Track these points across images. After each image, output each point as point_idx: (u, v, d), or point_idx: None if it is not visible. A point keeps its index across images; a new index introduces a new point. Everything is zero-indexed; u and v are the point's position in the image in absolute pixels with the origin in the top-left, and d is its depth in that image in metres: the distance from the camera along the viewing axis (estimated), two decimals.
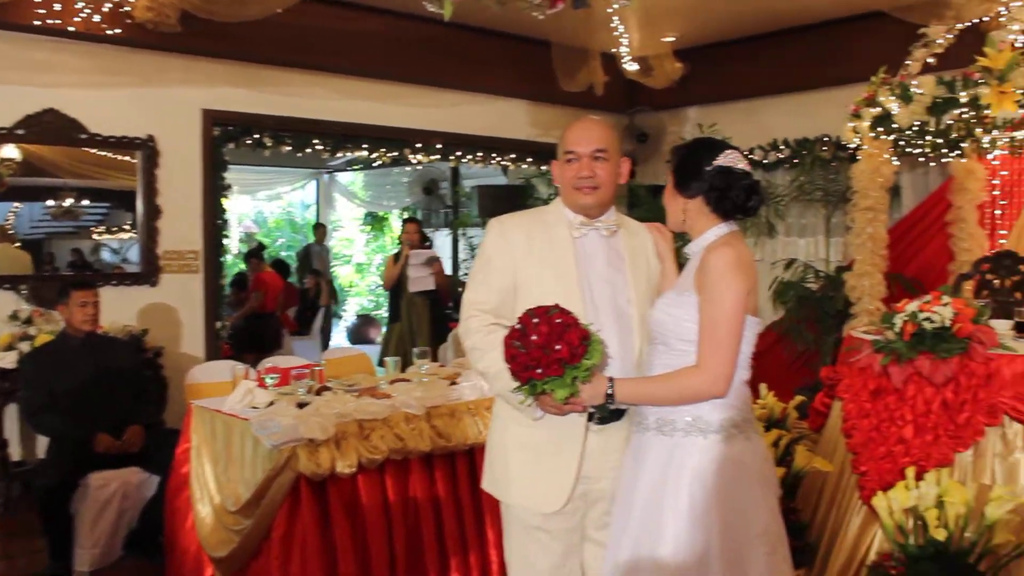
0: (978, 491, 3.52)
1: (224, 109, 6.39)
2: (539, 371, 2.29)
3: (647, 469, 2.46)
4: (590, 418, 2.58)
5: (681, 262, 2.69)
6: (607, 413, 2.57)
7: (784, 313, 7.40)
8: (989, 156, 6.29)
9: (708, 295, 2.36)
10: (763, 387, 4.84)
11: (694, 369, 2.38)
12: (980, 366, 3.79)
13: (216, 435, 4.15)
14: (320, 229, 12.83)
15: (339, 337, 13.22)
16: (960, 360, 3.80)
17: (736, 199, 2.46)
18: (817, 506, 4.30)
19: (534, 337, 2.28)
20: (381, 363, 5.78)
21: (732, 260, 2.37)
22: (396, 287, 8.36)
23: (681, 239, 2.69)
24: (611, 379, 2.43)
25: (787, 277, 7.48)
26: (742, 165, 2.49)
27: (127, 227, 6.21)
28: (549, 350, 2.27)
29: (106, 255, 6.26)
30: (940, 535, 3.34)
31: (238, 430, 3.98)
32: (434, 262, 8.23)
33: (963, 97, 4.85)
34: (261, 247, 11.85)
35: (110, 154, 6.07)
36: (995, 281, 5.80)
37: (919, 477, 3.55)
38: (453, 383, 4.42)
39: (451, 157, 8.08)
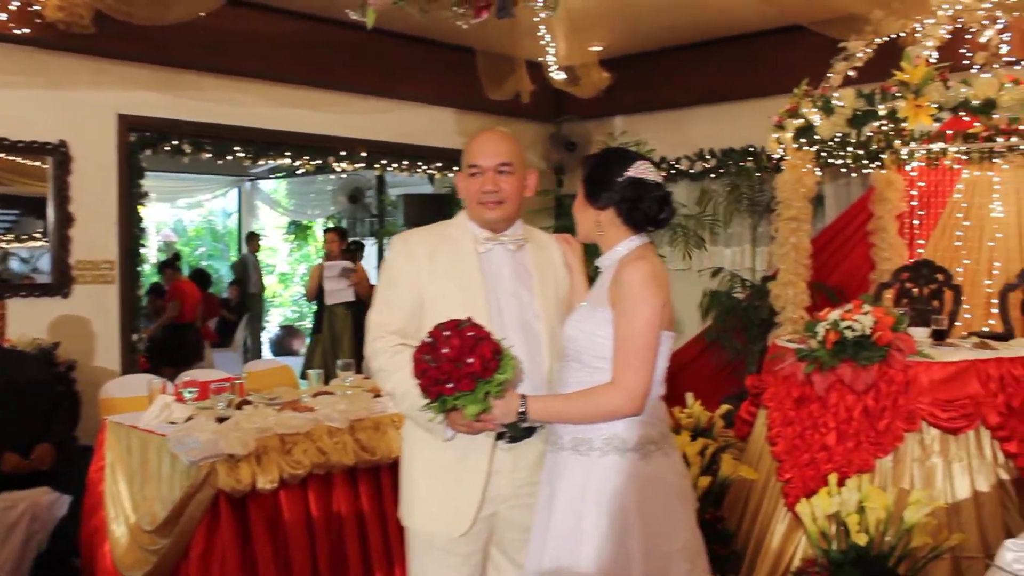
0: (897, 496, 3.58)
1: (141, 114, 6.20)
2: (450, 386, 2.21)
3: (563, 489, 2.39)
4: (500, 436, 2.50)
5: (592, 275, 2.65)
6: (519, 431, 2.48)
7: (711, 322, 7.48)
8: (908, 167, 6.44)
9: (623, 310, 2.32)
10: (690, 396, 4.87)
11: (609, 386, 2.32)
12: (899, 373, 3.87)
13: (132, 452, 4.02)
14: (253, 239, 12.57)
15: (262, 349, 12.99)
16: (880, 367, 3.88)
17: (648, 211, 2.43)
18: (743, 514, 4.34)
19: (445, 350, 2.21)
20: (304, 376, 5.68)
21: (647, 274, 2.33)
22: (319, 298, 8.26)
23: (593, 251, 2.65)
24: (524, 396, 2.36)
25: (714, 286, 7.57)
26: (653, 176, 2.45)
27: (38, 235, 5.97)
28: (461, 364, 2.20)
29: (15, 264, 6.01)
30: (861, 540, 3.39)
31: (155, 446, 3.87)
32: (350, 273, 8.14)
33: (882, 110, 4.95)
34: (177, 256, 11.59)
35: (19, 159, 5.85)
36: (914, 289, 5.95)
37: (841, 483, 3.61)
38: (377, 396, 4.35)
39: (376, 165, 7.98)
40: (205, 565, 3.56)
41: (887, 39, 5.56)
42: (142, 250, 6.36)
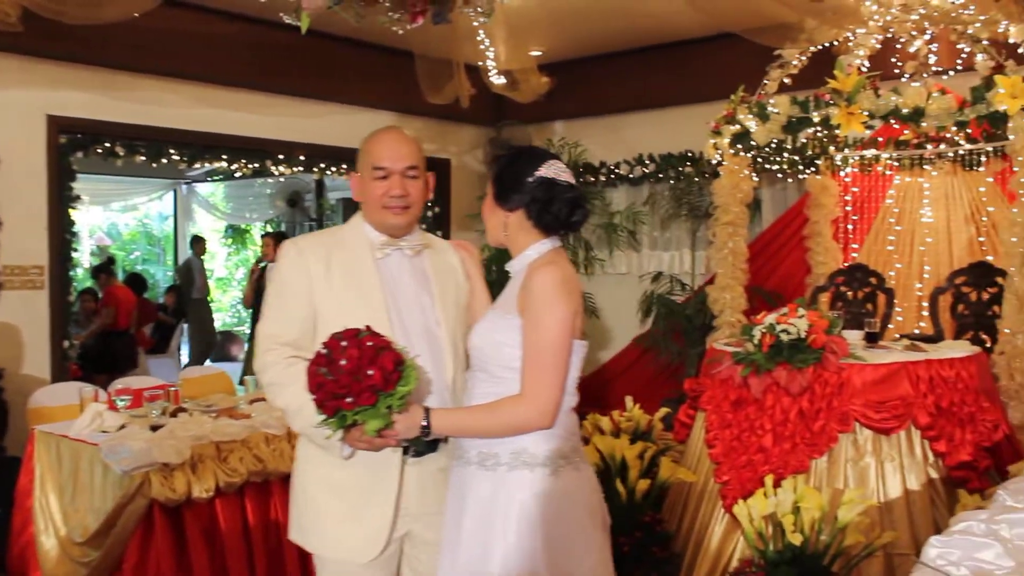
0: (832, 495, 3.64)
1: (71, 115, 6.06)
2: (349, 400, 2.05)
3: (470, 505, 2.28)
4: (405, 452, 2.38)
5: (499, 281, 2.56)
6: (422, 446, 2.35)
7: (651, 326, 7.55)
8: (842, 173, 6.58)
9: (532, 318, 2.20)
10: (629, 399, 4.90)
11: (518, 399, 2.20)
12: (833, 375, 3.94)
13: (62, 462, 3.93)
14: (199, 242, 12.32)
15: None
16: (815, 370, 3.94)
17: (559, 213, 2.29)
18: (682, 516, 4.38)
19: (343, 362, 2.05)
20: (242, 382, 5.60)
21: (556, 280, 2.21)
22: (256, 304, 8.15)
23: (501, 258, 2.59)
24: (427, 409, 2.22)
25: (654, 290, 7.64)
26: (565, 176, 2.32)
27: None
28: (360, 376, 2.04)
29: None
30: (796, 539, 3.43)
31: (86, 456, 3.79)
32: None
33: (816, 117, 5.06)
34: (111, 261, 11.33)
35: None
36: (848, 293, 6.07)
37: (777, 484, 3.65)
38: None
39: (315, 169, 7.90)
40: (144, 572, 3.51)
41: (821, 47, 5.67)
42: (74, 255, 6.20)
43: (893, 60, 5.73)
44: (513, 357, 2.23)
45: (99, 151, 6.29)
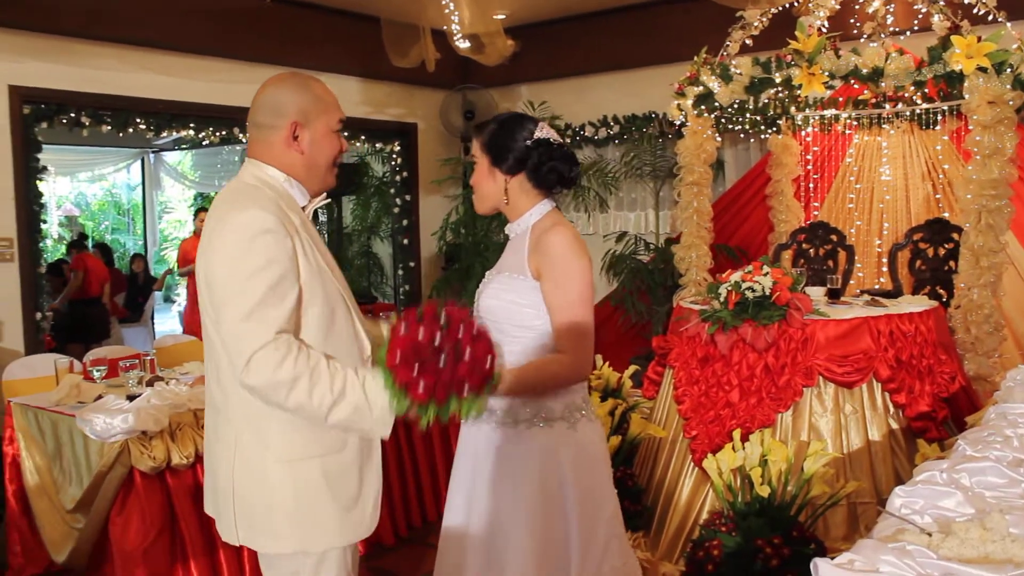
0: (797, 448, 3.77)
1: (34, 86, 5.98)
2: (466, 388, 1.86)
3: (492, 463, 2.34)
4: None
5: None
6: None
7: (617, 285, 7.65)
8: (802, 133, 6.68)
9: (555, 280, 2.28)
10: (598, 358, 4.99)
11: (562, 356, 2.27)
12: (797, 331, 4.06)
13: (44, 433, 3.97)
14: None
15: (172, 323, 12.75)
16: (779, 326, 4.06)
17: (562, 171, 2.39)
18: (652, 471, 4.49)
19: (468, 349, 1.85)
20: None
21: (570, 239, 2.31)
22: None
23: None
24: None
25: (619, 250, 7.73)
26: (556, 136, 2.42)
27: None
28: (480, 367, 1.87)
29: None
30: (764, 492, 3.56)
31: (65, 427, 3.84)
32: None
33: (777, 78, 5.14)
34: (83, 236, 11.22)
35: None
36: (810, 250, 6.19)
37: (744, 438, 3.77)
38: None
39: None
40: (128, 538, 3.58)
41: (781, 8, 5.74)
42: (43, 226, 6.15)
43: (852, 21, 5.81)
44: (528, 316, 2.31)
45: (64, 121, 6.22)
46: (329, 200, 2.42)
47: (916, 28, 5.61)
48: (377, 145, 8.87)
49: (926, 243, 5.88)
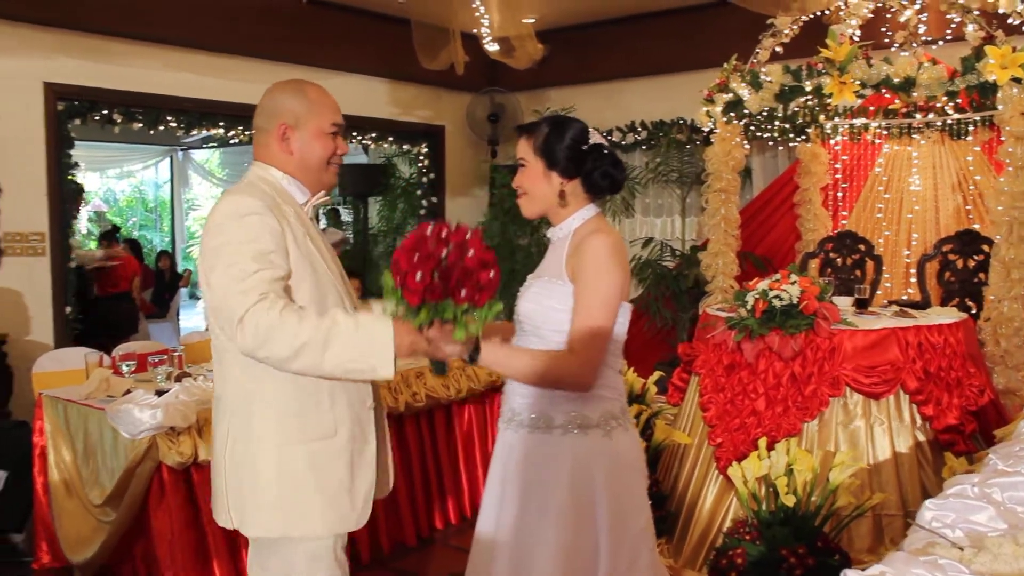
0: (823, 458, 3.74)
1: (68, 83, 6.06)
2: (463, 293, 1.89)
3: (524, 468, 2.34)
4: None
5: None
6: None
7: (642, 291, 7.64)
8: (831, 141, 6.65)
9: (584, 283, 2.26)
10: (623, 363, 4.97)
11: (565, 353, 2.24)
12: (824, 341, 4.03)
13: (72, 426, 4.01)
14: None
15: (197, 319, 12.83)
16: (807, 335, 4.03)
17: (615, 177, 2.38)
18: (676, 477, 4.48)
19: (470, 252, 1.88)
20: None
21: (610, 248, 2.27)
22: None
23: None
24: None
25: (645, 256, 7.72)
26: (604, 142, 2.43)
27: None
28: (481, 273, 1.90)
29: None
30: (789, 501, 3.54)
31: (94, 420, 3.86)
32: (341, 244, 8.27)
33: (808, 86, 5.12)
34: (115, 229, 11.33)
35: None
36: (838, 260, 6.16)
37: (770, 447, 3.75)
38: None
39: None
40: (155, 537, 3.61)
41: (812, 16, 5.71)
42: (73, 221, 6.23)
43: (883, 30, 5.78)
44: (564, 321, 2.28)
45: (96, 118, 6.30)
46: (327, 195, 2.49)
47: (949, 37, 5.57)
48: (404, 146, 8.91)
49: (955, 254, 5.83)
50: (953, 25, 5.42)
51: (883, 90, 5.13)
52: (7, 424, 4.64)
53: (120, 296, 8.69)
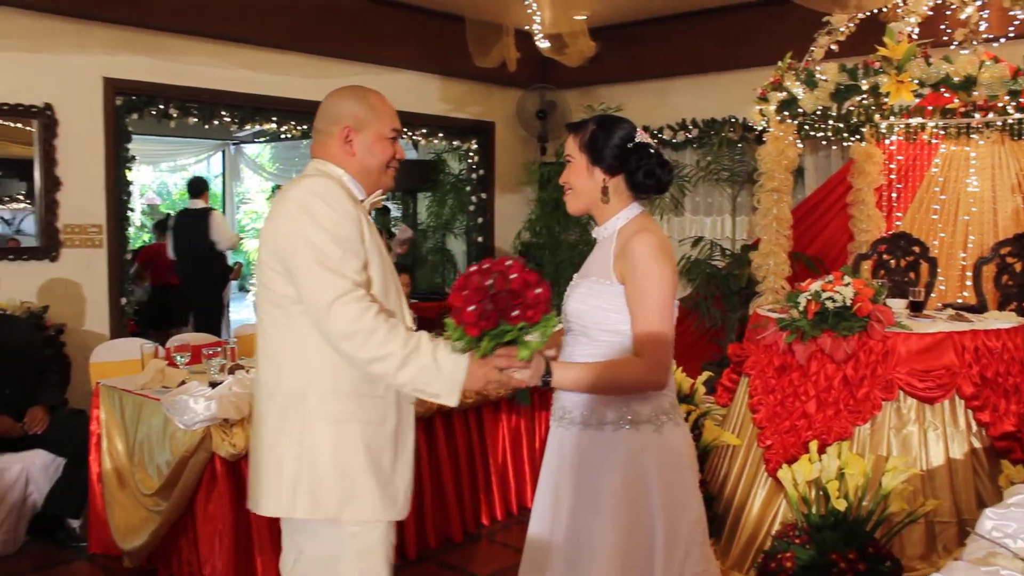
0: (875, 462, 3.70)
1: (127, 78, 6.17)
2: (515, 314, 1.99)
3: (575, 464, 2.36)
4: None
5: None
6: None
7: (691, 290, 7.60)
8: (886, 141, 6.54)
9: (637, 285, 2.27)
10: (672, 362, 4.94)
11: (635, 360, 2.25)
12: (878, 343, 3.97)
13: (126, 415, 4.09)
14: None
15: (247, 312, 12.99)
16: (860, 338, 3.98)
17: (660, 176, 2.39)
18: (724, 479, 4.45)
19: (513, 275, 2.00)
20: None
21: (656, 246, 2.28)
22: None
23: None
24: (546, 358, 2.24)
25: (694, 255, 7.67)
26: (651, 142, 2.44)
27: (20, 196, 5.95)
28: (529, 291, 2.00)
29: None
30: (840, 505, 3.49)
31: (149, 410, 3.94)
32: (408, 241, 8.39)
33: (864, 85, 5.03)
34: (168, 218, 11.51)
35: (1, 121, 5.79)
36: (891, 261, 6.07)
37: (821, 450, 3.71)
38: None
39: None
40: (204, 527, 3.67)
41: (869, 14, 5.63)
42: (129, 214, 6.34)
43: (943, 27, 5.67)
44: (614, 321, 2.30)
45: (153, 113, 6.41)
46: (384, 195, 2.55)
47: (1012, 34, 5.46)
48: (454, 143, 8.94)
49: (1013, 258, 5.71)
50: (1016, 22, 5.31)
51: (942, 89, 5.04)
52: (65, 413, 4.73)
53: (172, 287, 8.82)
